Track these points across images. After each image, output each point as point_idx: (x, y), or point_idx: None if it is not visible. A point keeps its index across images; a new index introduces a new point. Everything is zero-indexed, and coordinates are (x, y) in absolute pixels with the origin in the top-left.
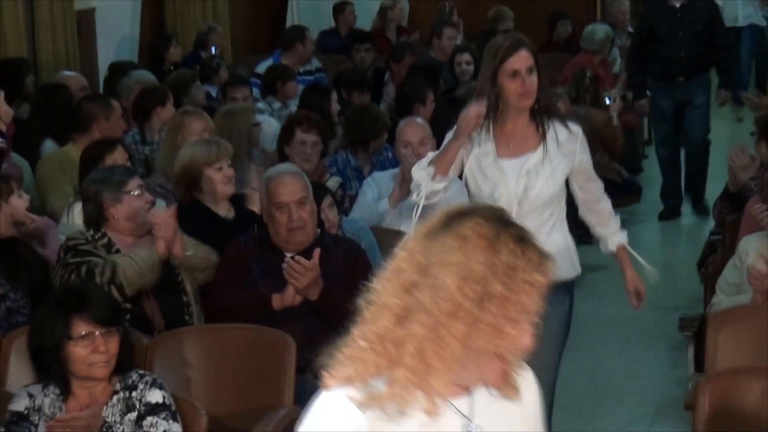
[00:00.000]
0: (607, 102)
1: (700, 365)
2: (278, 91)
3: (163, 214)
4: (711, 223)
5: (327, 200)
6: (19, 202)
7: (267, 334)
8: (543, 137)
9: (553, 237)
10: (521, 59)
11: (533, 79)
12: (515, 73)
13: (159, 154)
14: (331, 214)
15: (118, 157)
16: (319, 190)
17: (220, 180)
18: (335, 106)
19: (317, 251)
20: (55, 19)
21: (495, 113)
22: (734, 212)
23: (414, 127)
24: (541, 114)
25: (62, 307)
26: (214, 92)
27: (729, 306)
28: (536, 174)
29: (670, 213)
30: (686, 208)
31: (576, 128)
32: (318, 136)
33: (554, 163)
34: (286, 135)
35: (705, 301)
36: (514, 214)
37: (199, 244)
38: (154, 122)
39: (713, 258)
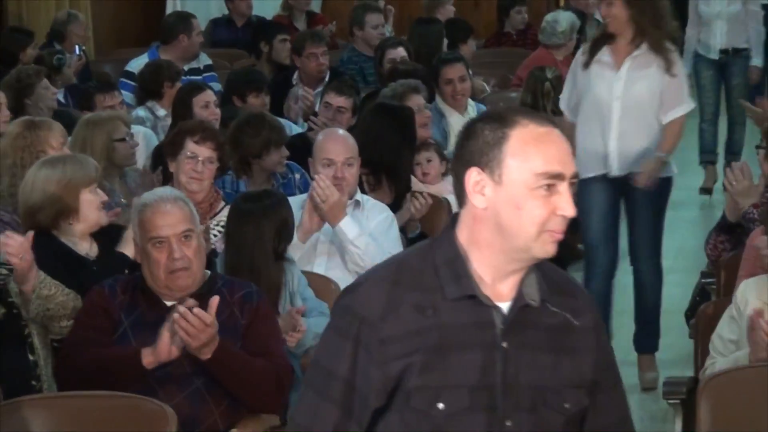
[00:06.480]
0: None
1: None
2: (164, 94)
3: (18, 241)
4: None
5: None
6: None
7: (139, 405)
8: None
9: None
10: None
11: None
12: None
13: None
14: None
15: None
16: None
17: (98, 206)
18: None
19: (215, 300)
20: None
21: None
22: (732, 248)
23: (338, 143)
24: None
25: None
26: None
27: (726, 368)
28: None
29: None
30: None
31: None
32: (214, 152)
33: None
34: (172, 147)
35: (695, 360)
36: None
37: (59, 285)
38: None
39: (705, 307)
